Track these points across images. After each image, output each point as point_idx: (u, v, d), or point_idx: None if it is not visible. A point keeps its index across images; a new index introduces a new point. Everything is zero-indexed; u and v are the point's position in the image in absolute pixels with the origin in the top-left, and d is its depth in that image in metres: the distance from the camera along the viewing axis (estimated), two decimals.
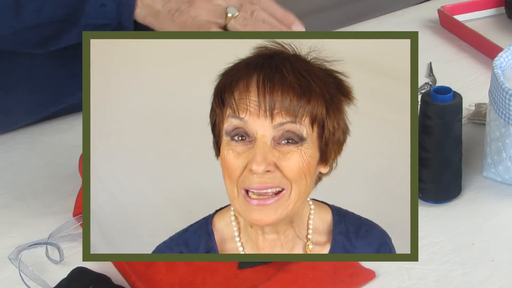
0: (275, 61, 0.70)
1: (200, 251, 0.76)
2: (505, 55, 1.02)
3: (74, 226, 0.98)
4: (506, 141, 0.98)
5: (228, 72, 0.71)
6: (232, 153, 0.69)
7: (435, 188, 1.00)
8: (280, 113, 0.67)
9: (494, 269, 0.91)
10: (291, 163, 0.68)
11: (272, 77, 0.68)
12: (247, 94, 0.68)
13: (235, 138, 0.69)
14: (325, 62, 0.73)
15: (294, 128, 0.68)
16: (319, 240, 0.77)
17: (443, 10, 1.44)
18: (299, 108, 0.67)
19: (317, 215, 0.77)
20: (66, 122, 1.23)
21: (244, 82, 0.69)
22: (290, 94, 0.67)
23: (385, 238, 0.80)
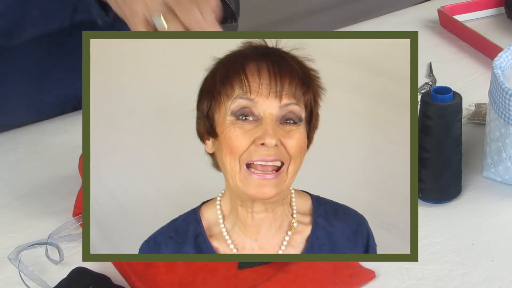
0: (277, 51, 0.77)
1: (189, 235, 0.81)
2: (505, 55, 1.02)
3: (74, 226, 0.99)
4: (506, 141, 0.98)
5: (233, 59, 0.77)
6: (239, 130, 0.74)
7: (435, 188, 1.00)
8: (287, 96, 0.74)
9: (494, 269, 0.91)
10: (293, 140, 0.75)
11: (280, 64, 0.75)
12: (259, 77, 0.74)
13: (240, 118, 0.75)
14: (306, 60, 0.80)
15: (297, 109, 0.75)
16: (301, 221, 0.82)
17: (443, 10, 1.44)
18: (301, 93, 0.75)
19: (298, 199, 0.83)
20: (66, 122, 1.23)
21: (255, 66, 0.75)
22: (295, 80, 0.75)
23: (362, 219, 0.85)
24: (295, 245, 0.81)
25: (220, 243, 0.81)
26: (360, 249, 0.83)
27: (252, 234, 0.80)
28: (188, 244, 0.81)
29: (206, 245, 0.80)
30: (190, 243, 0.81)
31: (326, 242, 0.82)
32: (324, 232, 0.82)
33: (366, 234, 0.84)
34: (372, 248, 0.85)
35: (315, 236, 0.81)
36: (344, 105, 1.25)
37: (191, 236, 0.81)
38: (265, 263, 0.91)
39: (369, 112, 1.24)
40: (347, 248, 0.82)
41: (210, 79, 0.78)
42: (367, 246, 0.84)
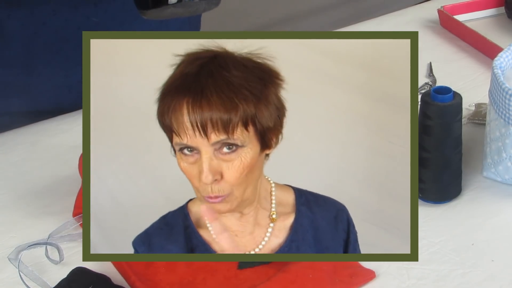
0: (200, 83, 0.77)
1: (179, 227, 0.85)
2: (505, 55, 1.02)
3: (74, 226, 0.98)
4: (506, 141, 0.98)
5: (163, 97, 0.78)
6: (186, 165, 0.78)
7: (435, 188, 1.00)
8: (214, 132, 0.76)
9: (494, 269, 0.91)
10: (233, 171, 0.77)
11: (199, 102, 0.75)
12: (182, 119, 0.76)
13: (184, 152, 0.78)
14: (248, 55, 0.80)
15: (231, 140, 0.76)
16: (284, 211, 0.85)
17: (443, 10, 1.44)
18: (228, 124, 0.76)
19: (278, 191, 0.86)
20: (66, 122, 1.23)
21: (178, 108, 0.76)
22: (216, 114, 0.75)
23: (341, 206, 0.88)
24: (278, 234, 0.84)
25: (206, 234, 0.84)
26: (341, 234, 0.86)
27: (232, 231, 0.84)
28: (179, 234, 0.85)
29: (195, 234, 0.84)
30: (180, 233, 0.85)
31: (309, 228, 0.85)
32: (307, 219, 0.85)
33: (346, 220, 0.87)
34: (353, 234, 0.88)
35: (298, 223, 0.85)
36: (344, 105, 1.25)
37: (180, 227, 0.85)
38: (265, 263, 0.91)
39: (369, 112, 1.24)
40: (329, 232, 0.85)
41: (157, 106, 0.80)
42: (348, 231, 0.87)
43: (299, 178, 1.00)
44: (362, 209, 1.23)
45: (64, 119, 1.24)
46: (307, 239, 0.84)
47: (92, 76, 0.87)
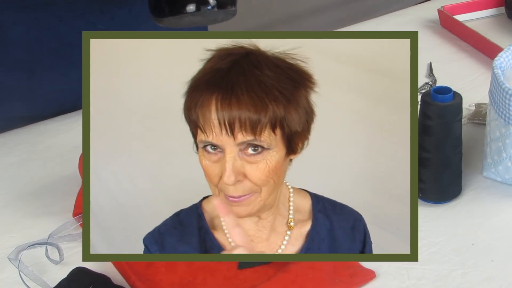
0: (231, 79, 0.74)
1: (192, 228, 0.83)
2: (505, 55, 1.02)
3: (74, 226, 0.98)
4: (506, 141, 0.98)
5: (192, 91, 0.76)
6: (208, 163, 0.76)
7: (435, 188, 1.00)
8: (241, 131, 0.73)
9: (494, 269, 0.91)
10: (258, 172, 0.75)
11: (229, 99, 0.73)
12: (209, 116, 0.74)
13: (207, 149, 0.76)
14: (282, 55, 0.78)
15: (258, 141, 0.74)
16: (301, 218, 0.84)
17: (443, 10, 1.44)
18: (257, 125, 0.73)
19: (296, 197, 0.84)
20: (66, 122, 1.23)
21: (206, 103, 0.74)
22: (245, 114, 0.73)
23: (358, 215, 0.87)
24: (294, 242, 0.82)
25: (221, 235, 0.83)
26: (358, 244, 0.85)
27: (249, 236, 0.82)
28: (193, 235, 0.83)
29: (209, 236, 0.82)
30: (194, 234, 0.83)
31: (325, 237, 0.83)
32: (324, 227, 0.83)
33: (363, 230, 0.86)
34: (369, 244, 0.86)
35: (315, 231, 0.83)
36: (344, 105, 1.25)
37: (195, 228, 0.83)
38: (265, 263, 0.91)
39: (369, 112, 1.24)
40: (346, 242, 0.84)
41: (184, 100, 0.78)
42: (364, 242, 0.86)
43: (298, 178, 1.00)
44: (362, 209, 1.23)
45: (64, 119, 1.24)
46: (322, 248, 0.82)
47: (92, 76, 0.87)
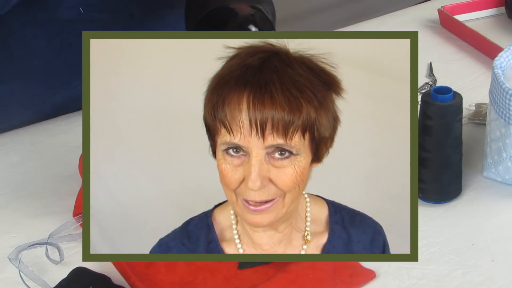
0: (264, 77, 0.70)
1: (201, 242, 0.79)
2: (505, 55, 1.02)
3: (74, 226, 0.98)
4: (506, 141, 0.98)
5: (219, 88, 0.71)
6: (229, 167, 0.71)
7: (435, 188, 1.00)
8: (271, 134, 0.69)
9: (494, 269, 0.91)
10: (285, 177, 0.70)
11: (262, 97, 0.69)
12: (239, 114, 0.69)
13: (230, 152, 0.71)
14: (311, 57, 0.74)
15: (287, 146, 0.70)
16: (317, 230, 0.80)
17: (443, 10, 1.44)
18: (289, 127, 0.69)
19: (313, 207, 0.80)
20: (66, 122, 1.23)
21: (235, 101, 0.69)
22: (279, 114, 0.68)
23: (378, 227, 0.83)
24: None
25: (232, 249, 0.79)
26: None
27: (258, 246, 0.79)
28: (200, 252, 0.79)
29: (218, 251, 0.79)
30: (201, 250, 0.79)
31: (342, 251, 0.79)
32: (341, 240, 0.79)
33: (382, 244, 0.82)
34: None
35: (331, 244, 0.79)
36: (344, 105, 1.25)
37: (203, 242, 0.79)
38: (265, 263, 0.91)
39: (369, 112, 1.24)
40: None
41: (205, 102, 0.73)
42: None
43: None
44: (362, 209, 1.22)
45: (64, 119, 1.24)
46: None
47: (92, 76, 0.87)
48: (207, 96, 0.73)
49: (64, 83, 1.18)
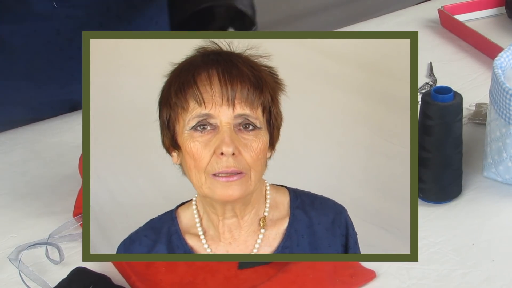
0: (228, 56, 0.77)
1: (163, 233, 0.82)
2: (505, 55, 1.02)
3: (74, 226, 0.98)
4: (506, 141, 0.98)
5: (185, 69, 0.77)
6: (198, 143, 0.75)
7: (436, 188, 1.00)
8: (240, 103, 0.75)
9: (494, 269, 0.91)
10: (250, 150, 0.75)
11: (230, 70, 0.75)
12: (211, 87, 0.75)
13: (198, 129, 0.75)
14: (260, 57, 0.80)
15: (252, 117, 0.75)
16: (277, 216, 0.83)
17: (444, 10, 1.44)
18: (254, 98, 0.75)
19: (274, 194, 0.84)
20: (66, 122, 1.23)
21: (205, 75, 0.75)
22: (247, 85, 0.75)
23: (339, 208, 0.85)
24: (270, 241, 0.82)
25: (195, 242, 0.82)
26: (340, 238, 0.83)
27: (225, 238, 0.82)
28: (162, 243, 0.82)
29: (181, 242, 0.82)
30: (163, 242, 0.82)
31: (304, 233, 0.82)
32: (302, 223, 0.82)
33: (344, 223, 0.84)
34: (352, 237, 0.85)
35: (293, 228, 0.82)
36: (344, 105, 1.25)
37: (164, 234, 0.83)
38: (266, 263, 0.91)
39: (369, 112, 1.24)
40: (326, 237, 0.83)
41: (166, 89, 0.79)
42: (346, 235, 0.84)
43: (299, 179, 1.00)
44: (362, 209, 1.23)
45: (64, 118, 1.24)
46: (302, 245, 0.82)
47: (92, 76, 0.87)
48: (170, 80, 0.78)
49: (48, 80, 1.19)
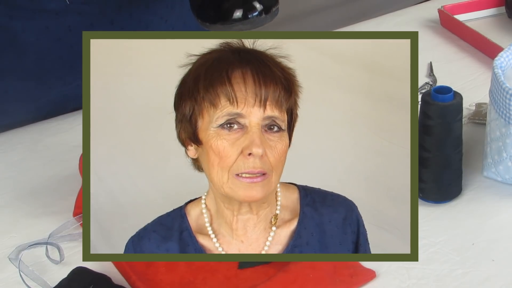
0: (259, 56, 0.77)
1: (174, 231, 0.82)
2: (505, 55, 1.02)
3: (74, 226, 0.99)
4: (506, 141, 0.98)
5: (216, 64, 0.76)
6: (226, 142, 0.74)
7: (436, 188, 1.00)
8: (271, 105, 0.74)
9: (494, 269, 0.91)
10: (275, 152, 0.75)
11: (263, 70, 0.75)
12: (245, 86, 0.74)
13: (225, 127, 0.74)
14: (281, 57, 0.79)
15: (280, 119, 0.76)
16: (287, 215, 0.82)
17: (444, 9, 1.44)
18: (284, 100, 0.76)
19: (283, 193, 0.83)
20: (66, 122, 1.23)
21: (239, 74, 0.75)
22: (279, 87, 0.75)
23: (351, 205, 0.84)
24: (281, 240, 0.81)
25: (206, 241, 0.81)
26: (350, 236, 0.83)
27: (238, 236, 0.81)
28: (173, 240, 0.82)
29: (191, 240, 0.81)
30: (174, 239, 0.82)
31: (314, 231, 0.81)
32: (312, 221, 0.82)
33: (356, 220, 0.84)
34: (363, 234, 0.84)
35: (302, 226, 0.82)
36: (344, 105, 1.25)
37: (176, 231, 0.82)
38: (266, 263, 0.91)
39: (369, 112, 1.24)
40: (337, 235, 0.82)
41: (191, 83, 0.77)
42: (357, 232, 0.83)
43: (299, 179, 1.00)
44: (362, 209, 1.22)
45: (64, 119, 1.24)
46: (312, 243, 0.81)
47: (92, 76, 0.87)
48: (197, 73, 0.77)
49: (58, 79, 1.19)
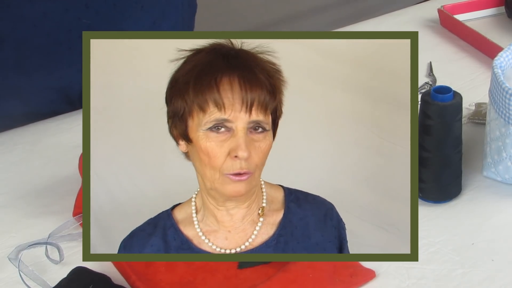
0: (246, 61, 0.79)
1: (158, 228, 0.84)
2: (505, 55, 1.02)
3: (74, 226, 0.99)
4: (506, 141, 0.98)
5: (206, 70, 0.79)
6: (214, 143, 0.78)
7: (435, 187, 1.00)
8: (256, 110, 0.78)
9: (494, 269, 0.91)
10: (260, 152, 0.79)
11: (249, 77, 0.78)
12: (232, 93, 0.77)
13: (213, 129, 0.78)
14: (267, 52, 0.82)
15: (264, 123, 0.79)
16: (273, 208, 0.86)
17: (443, 9, 1.44)
18: (270, 103, 0.79)
19: (269, 190, 0.87)
20: (66, 122, 1.23)
21: (227, 80, 0.77)
22: (264, 93, 0.78)
23: (330, 204, 0.88)
24: (267, 230, 0.84)
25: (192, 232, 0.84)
26: (331, 230, 0.86)
27: (225, 227, 0.83)
28: (156, 236, 0.84)
29: (177, 233, 0.84)
30: (158, 235, 0.84)
31: (298, 224, 0.85)
32: (296, 216, 0.85)
33: (336, 217, 0.87)
34: (344, 229, 0.88)
35: (288, 219, 0.85)
36: (343, 105, 1.25)
37: (160, 228, 0.85)
38: (265, 262, 0.91)
39: (368, 112, 1.24)
40: (319, 229, 0.85)
41: (182, 85, 0.80)
42: (338, 227, 0.87)
43: (298, 179, 1.00)
44: (362, 209, 1.23)
45: (64, 119, 1.24)
46: (295, 234, 0.84)
47: (92, 76, 0.87)
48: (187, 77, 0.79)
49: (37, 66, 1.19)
